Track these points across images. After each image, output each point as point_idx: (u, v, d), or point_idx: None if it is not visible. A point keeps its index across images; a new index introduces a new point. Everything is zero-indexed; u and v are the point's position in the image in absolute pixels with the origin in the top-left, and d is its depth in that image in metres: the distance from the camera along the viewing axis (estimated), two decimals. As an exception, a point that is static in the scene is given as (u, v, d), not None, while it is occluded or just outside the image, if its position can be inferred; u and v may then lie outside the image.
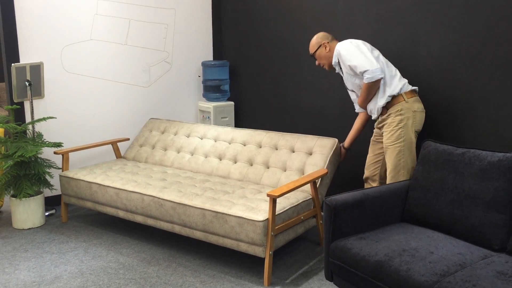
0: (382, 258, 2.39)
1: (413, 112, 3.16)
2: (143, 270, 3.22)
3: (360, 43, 3.23)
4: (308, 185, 3.41)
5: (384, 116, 3.24)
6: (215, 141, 4.11)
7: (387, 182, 3.24)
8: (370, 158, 3.47)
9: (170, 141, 4.32)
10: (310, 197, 3.37)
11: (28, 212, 3.90)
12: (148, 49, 4.74)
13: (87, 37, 4.39)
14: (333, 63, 3.37)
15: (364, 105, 3.34)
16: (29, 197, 3.88)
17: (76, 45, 4.34)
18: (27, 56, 4.11)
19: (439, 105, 3.36)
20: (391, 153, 3.18)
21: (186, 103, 5.05)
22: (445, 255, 2.36)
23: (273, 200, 2.94)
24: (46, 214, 4.16)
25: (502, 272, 2.18)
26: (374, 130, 3.45)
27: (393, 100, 3.17)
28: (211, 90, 4.88)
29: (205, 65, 4.89)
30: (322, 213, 2.80)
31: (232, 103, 4.90)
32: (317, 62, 3.47)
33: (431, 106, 3.40)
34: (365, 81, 3.14)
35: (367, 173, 3.49)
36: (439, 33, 3.31)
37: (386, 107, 3.20)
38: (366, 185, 3.57)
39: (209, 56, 5.11)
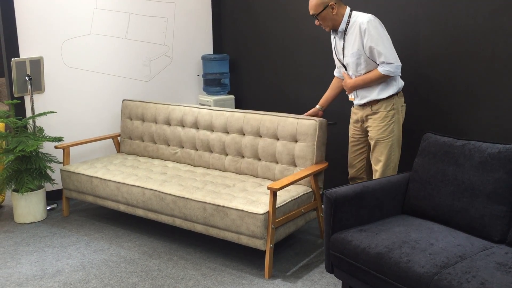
0: (382, 250, 2.39)
1: (401, 107, 3.16)
2: (144, 263, 3.23)
3: (383, 26, 3.08)
4: (308, 178, 3.40)
5: (373, 108, 3.15)
6: (197, 130, 3.99)
7: (376, 174, 3.19)
8: (352, 158, 3.39)
9: (155, 133, 4.23)
10: (311, 190, 3.38)
11: (29, 206, 3.91)
12: (148, 43, 4.73)
13: (87, 31, 4.38)
14: (339, 29, 3.15)
15: (357, 88, 3.18)
16: (30, 191, 3.89)
17: (76, 40, 4.33)
18: (27, 50, 4.10)
19: (439, 96, 3.36)
20: (383, 148, 3.13)
21: (186, 96, 5.04)
22: (445, 246, 2.36)
23: (274, 193, 2.94)
24: (48, 208, 4.17)
25: (502, 263, 2.18)
26: (352, 128, 3.34)
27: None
28: (211, 83, 4.88)
29: (205, 58, 4.88)
30: (323, 206, 2.80)
31: (233, 96, 4.89)
32: (317, 22, 3.17)
33: (431, 97, 3.39)
34: (383, 72, 3.02)
35: (352, 172, 3.42)
36: (439, 24, 3.30)
37: (378, 99, 3.13)
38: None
39: (209, 49, 5.10)
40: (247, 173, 3.71)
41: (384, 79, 3.09)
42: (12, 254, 3.40)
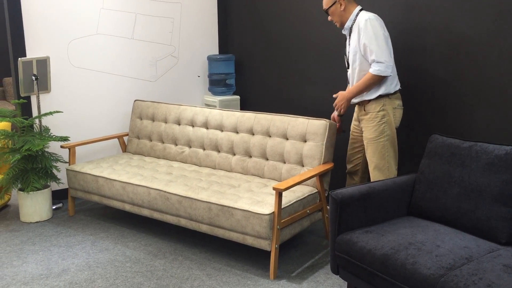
0: (388, 251, 2.38)
1: (393, 109, 3.17)
2: (149, 263, 3.23)
3: (383, 26, 3.12)
4: (313, 179, 3.40)
5: (366, 108, 3.20)
6: (207, 129, 4.03)
7: (372, 178, 3.22)
8: (350, 154, 3.48)
9: (164, 132, 4.25)
10: (316, 190, 3.37)
11: (35, 205, 3.92)
12: (155, 43, 4.74)
13: (94, 31, 4.40)
14: (345, 26, 3.23)
15: (354, 96, 3.21)
16: (36, 190, 3.91)
17: (82, 40, 4.35)
18: (33, 50, 4.12)
19: (446, 98, 3.35)
20: (375, 149, 3.16)
21: (192, 97, 5.05)
22: (451, 248, 2.35)
23: (279, 194, 2.94)
24: (53, 207, 4.18)
25: (509, 266, 2.17)
26: (352, 126, 3.43)
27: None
28: (216, 84, 4.88)
29: (211, 59, 4.88)
30: (328, 207, 2.80)
31: (238, 97, 4.89)
32: (329, 18, 3.30)
33: (438, 99, 3.38)
34: (373, 72, 3.05)
35: (349, 167, 3.51)
36: (446, 25, 3.29)
37: (368, 100, 3.18)
38: (349, 179, 3.58)
39: (215, 50, 5.11)
40: (254, 172, 3.71)
41: (377, 80, 3.08)
42: (18, 253, 3.41)
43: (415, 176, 2.91)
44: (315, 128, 3.45)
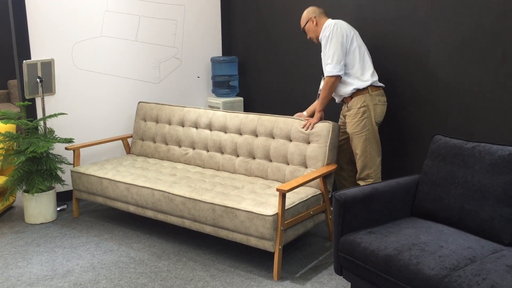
0: (391, 252, 2.39)
1: (374, 105, 3.36)
2: (153, 264, 3.25)
3: (344, 29, 3.33)
4: (317, 180, 3.40)
5: (348, 105, 3.42)
6: (211, 131, 4.05)
7: (358, 166, 3.43)
8: (339, 145, 3.66)
9: (168, 134, 4.27)
10: (319, 192, 3.38)
11: (40, 207, 3.94)
12: (158, 45, 4.76)
13: (98, 33, 4.42)
14: (319, 38, 3.48)
15: (322, 107, 3.46)
16: (41, 192, 3.93)
17: (86, 42, 4.37)
18: (38, 53, 4.15)
19: (449, 99, 3.35)
20: (358, 141, 3.39)
21: (195, 99, 5.06)
22: (455, 249, 2.35)
23: (283, 195, 2.95)
24: (58, 209, 4.20)
25: (513, 266, 2.17)
26: (339, 119, 3.65)
27: (358, 91, 3.36)
28: (220, 86, 4.89)
29: (214, 61, 4.90)
30: (331, 208, 2.80)
31: (241, 98, 4.91)
32: (308, 36, 3.59)
33: (440, 100, 3.38)
34: (325, 74, 3.34)
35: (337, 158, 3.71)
36: (449, 27, 3.29)
37: (351, 96, 3.40)
38: (340, 171, 3.74)
39: (218, 52, 5.12)
40: (257, 174, 3.72)
41: (331, 81, 3.32)
42: (23, 254, 3.43)
43: (419, 177, 2.92)
44: (319, 129, 3.47)
